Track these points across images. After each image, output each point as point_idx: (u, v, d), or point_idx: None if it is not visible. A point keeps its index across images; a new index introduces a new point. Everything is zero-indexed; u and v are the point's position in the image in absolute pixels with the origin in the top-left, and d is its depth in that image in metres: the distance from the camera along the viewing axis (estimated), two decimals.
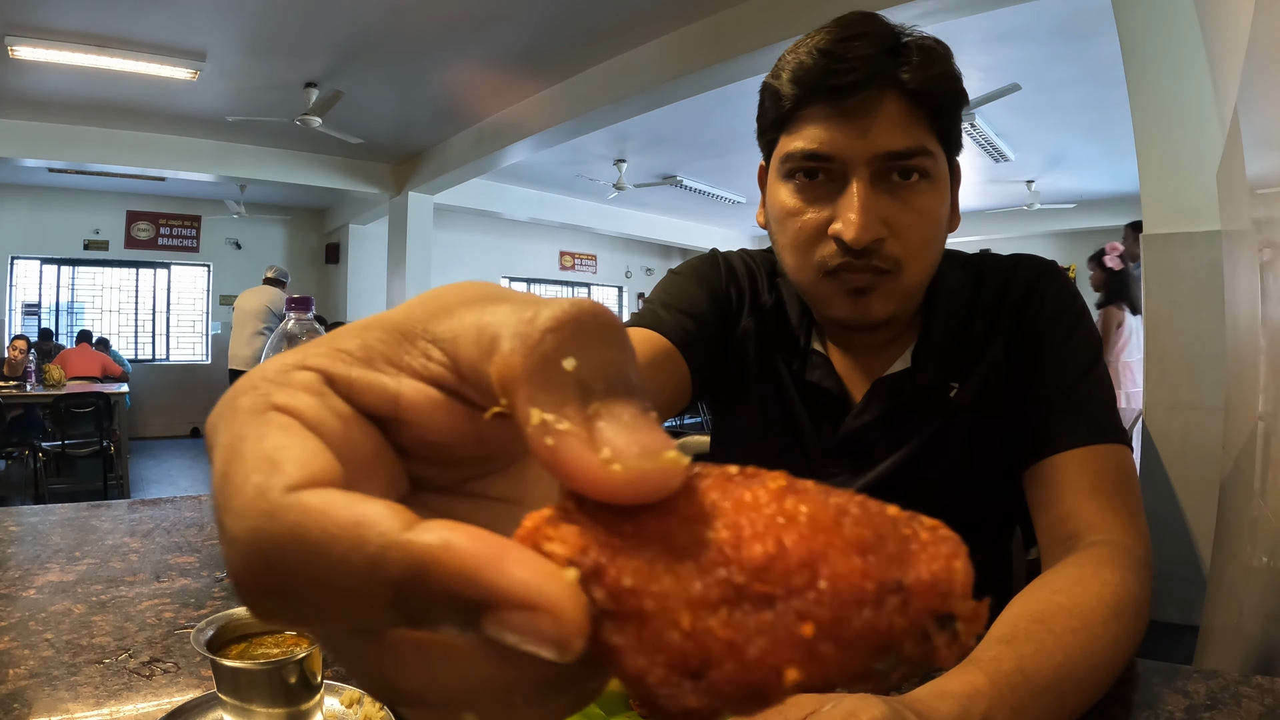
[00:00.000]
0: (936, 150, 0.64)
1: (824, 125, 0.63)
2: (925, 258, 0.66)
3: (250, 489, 0.14)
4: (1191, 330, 2.65)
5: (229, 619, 0.44)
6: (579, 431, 0.14)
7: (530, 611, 0.13)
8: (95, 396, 4.70)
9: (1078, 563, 0.55)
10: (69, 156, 5.79)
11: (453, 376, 0.16)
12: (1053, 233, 9.09)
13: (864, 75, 0.60)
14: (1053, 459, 0.65)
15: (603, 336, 0.16)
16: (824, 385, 0.75)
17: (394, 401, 0.16)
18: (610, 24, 4.17)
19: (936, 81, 0.62)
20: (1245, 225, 1.53)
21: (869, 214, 0.61)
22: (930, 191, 0.64)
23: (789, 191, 0.67)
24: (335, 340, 0.17)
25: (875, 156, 0.62)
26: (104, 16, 3.94)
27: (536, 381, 0.15)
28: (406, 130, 6.23)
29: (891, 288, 0.65)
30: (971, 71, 4.73)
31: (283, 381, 0.16)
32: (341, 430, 0.15)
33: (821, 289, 0.68)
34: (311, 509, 0.13)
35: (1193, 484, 2.63)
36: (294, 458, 0.14)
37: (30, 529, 0.90)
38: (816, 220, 0.65)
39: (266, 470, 0.14)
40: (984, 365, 0.72)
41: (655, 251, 11.61)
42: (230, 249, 8.21)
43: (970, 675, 0.41)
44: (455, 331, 0.16)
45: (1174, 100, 2.66)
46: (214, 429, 0.16)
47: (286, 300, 0.73)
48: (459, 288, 0.17)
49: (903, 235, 0.63)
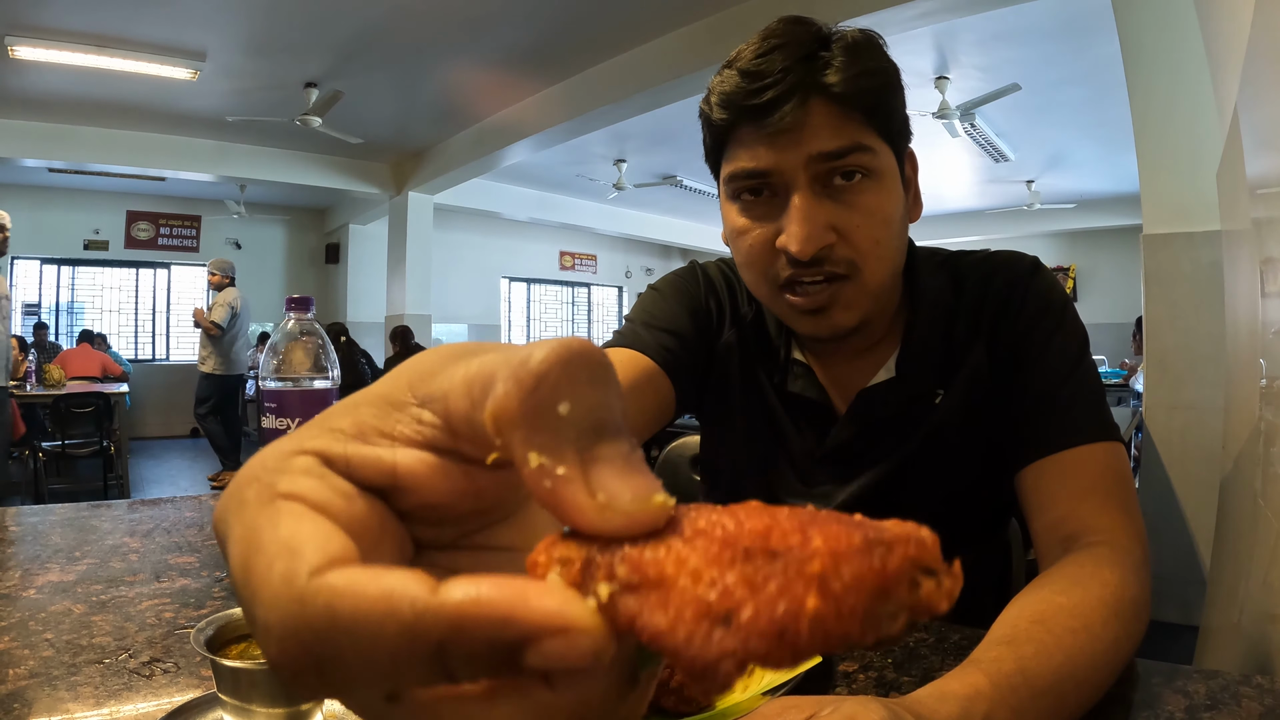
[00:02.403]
0: (876, 145, 0.63)
1: (756, 144, 0.63)
2: (881, 255, 0.64)
3: (276, 579, 0.14)
4: (1191, 330, 2.65)
5: (229, 619, 0.44)
6: (575, 476, 0.16)
7: (565, 634, 0.14)
8: (95, 396, 4.70)
9: (1077, 563, 0.55)
10: (69, 156, 5.79)
11: (446, 437, 0.17)
12: (1053, 233, 9.09)
13: (785, 89, 0.60)
14: (1044, 461, 0.64)
15: (592, 376, 0.16)
16: (806, 395, 0.74)
17: (391, 471, 0.17)
18: (610, 24, 4.17)
19: (861, 79, 0.61)
20: (1245, 225, 1.53)
21: (812, 223, 0.61)
22: (876, 189, 0.63)
23: (736, 211, 0.67)
24: (328, 420, 0.17)
25: (810, 161, 0.61)
26: (104, 16, 3.94)
27: (533, 424, 0.16)
28: (406, 130, 6.23)
29: (851, 294, 0.64)
30: (971, 71, 4.73)
31: (283, 469, 0.16)
32: (347, 508, 0.16)
33: (779, 305, 0.68)
34: (340, 589, 0.14)
35: (1193, 484, 2.63)
36: (310, 541, 0.15)
37: (30, 529, 0.90)
38: (764, 236, 0.65)
39: (288, 558, 0.14)
40: (968, 369, 0.71)
41: (655, 251, 11.62)
42: (230, 249, 8.21)
43: (971, 676, 0.41)
44: (444, 389, 0.17)
45: (1174, 100, 2.66)
46: (224, 522, 0.16)
47: (286, 300, 0.73)
48: (437, 350, 0.18)
49: (852, 237, 0.63)
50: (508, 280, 10.15)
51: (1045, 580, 0.54)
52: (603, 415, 0.16)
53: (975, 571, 0.78)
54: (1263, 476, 1.21)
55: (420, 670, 0.14)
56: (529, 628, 0.14)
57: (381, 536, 0.17)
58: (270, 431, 0.71)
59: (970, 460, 0.72)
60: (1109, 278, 9.00)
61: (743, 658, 0.14)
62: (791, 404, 0.76)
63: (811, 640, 0.14)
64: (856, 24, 0.67)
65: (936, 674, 0.43)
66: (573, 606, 0.14)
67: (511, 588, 0.14)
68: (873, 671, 0.50)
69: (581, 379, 0.16)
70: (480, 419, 0.16)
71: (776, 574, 0.14)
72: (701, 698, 0.38)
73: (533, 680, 0.15)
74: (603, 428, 0.16)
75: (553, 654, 0.14)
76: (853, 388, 0.73)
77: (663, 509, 0.16)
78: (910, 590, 0.14)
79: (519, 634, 0.14)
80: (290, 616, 0.14)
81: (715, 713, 0.43)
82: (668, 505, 0.16)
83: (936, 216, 9.37)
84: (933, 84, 4.83)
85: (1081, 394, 0.66)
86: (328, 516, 0.16)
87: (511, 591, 0.14)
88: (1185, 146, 2.63)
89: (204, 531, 0.89)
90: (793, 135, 0.61)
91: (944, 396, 0.72)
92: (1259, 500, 1.22)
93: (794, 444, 0.76)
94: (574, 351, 0.16)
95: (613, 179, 7.48)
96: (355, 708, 0.15)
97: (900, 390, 0.72)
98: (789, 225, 0.62)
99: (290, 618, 0.14)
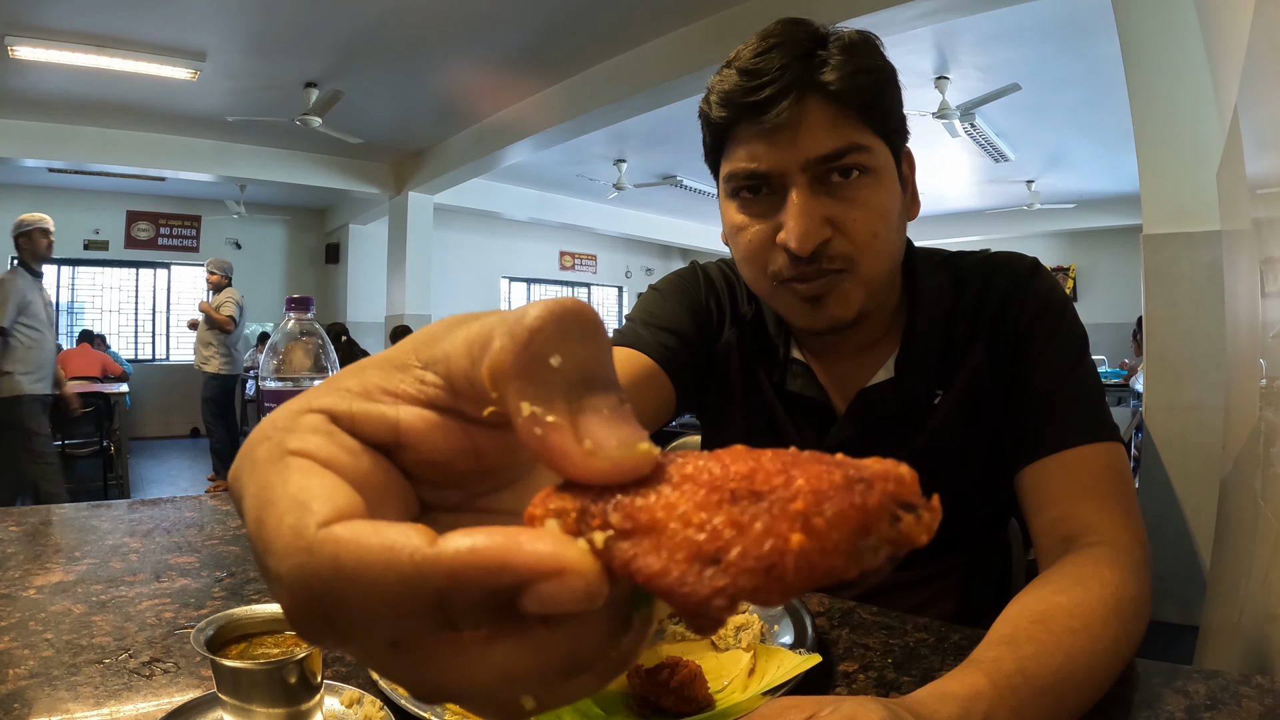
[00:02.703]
0: (873, 143, 0.64)
1: (755, 142, 0.64)
2: (878, 249, 0.65)
3: (287, 531, 0.15)
4: (1191, 330, 2.65)
5: (229, 619, 0.44)
6: (564, 424, 0.16)
7: (559, 576, 0.14)
8: (95, 396, 4.69)
9: (1077, 563, 0.55)
10: (69, 156, 5.79)
11: (448, 396, 0.18)
12: (1053, 233, 9.09)
13: (781, 87, 0.61)
14: (1043, 461, 0.64)
15: (584, 333, 0.17)
16: (805, 394, 0.75)
17: (395, 428, 0.18)
18: (610, 24, 4.18)
19: (857, 77, 0.62)
20: (1245, 225, 1.53)
21: (810, 219, 0.62)
22: (873, 185, 0.64)
23: (735, 209, 0.69)
24: (335, 381, 0.18)
25: (808, 163, 0.63)
26: (104, 16, 3.94)
27: (526, 376, 0.16)
28: (406, 130, 6.23)
29: (847, 287, 0.65)
30: (971, 71, 4.73)
31: (292, 427, 0.17)
32: (353, 463, 0.17)
33: (779, 300, 0.69)
34: (344, 540, 0.15)
35: (1193, 484, 2.63)
36: (318, 496, 0.16)
37: (30, 529, 0.90)
38: (764, 232, 0.66)
39: (297, 511, 0.15)
40: (967, 370, 0.72)
41: (655, 251, 11.62)
42: (230, 249, 8.21)
43: (971, 676, 0.41)
44: (446, 351, 0.18)
45: (1174, 100, 2.66)
46: (238, 480, 0.17)
47: (286, 300, 0.73)
48: (443, 320, 0.19)
49: (849, 231, 0.64)
50: (508, 280, 10.15)
51: (1045, 580, 0.54)
52: (592, 369, 0.17)
53: (975, 571, 0.79)
54: (1263, 476, 1.21)
55: (422, 619, 0.15)
56: (524, 572, 0.14)
57: (386, 492, 0.18)
58: None
59: (970, 461, 0.73)
60: (1109, 278, 9.00)
61: (733, 594, 0.15)
62: (791, 403, 0.76)
63: (797, 575, 0.15)
64: (857, 24, 0.68)
65: (936, 674, 0.43)
66: (566, 549, 0.15)
67: (506, 535, 0.15)
68: (873, 671, 0.50)
69: (573, 334, 0.17)
70: (479, 375, 0.17)
71: (762, 514, 0.15)
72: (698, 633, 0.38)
73: (531, 624, 0.15)
74: (592, 380, 0.17)
75: (548, 597, 0.14)
76: (852, 387, 0.74)
77: (647, 456, 0.17)
78: (891, 525, 0.15)
79: (515, 579, 0.14)
80: (299, 567, 0.15)
81: (715, 713, 0.43)
82: (652, 452, 0.17)
83: (936, 216, 9.37)
84: (933, 84, 4.83)
85: (1081, 394, 0.67)
86: (334, 471, 0.16)
87: (506, 538, 0.15)
88: (1185, 146, 2.63)
89: (204, 531, 0.89)
90: (790, 133, 0.62)
91: (942, 397, 0.72)
92: (1259, 500, 1.22)
93: (793, 443, 0.75)
94: (566, 309, 0.17)
95: (613, 179, 7.48)
96: (362, 655, 0.16)
97: (899, 390, 0.72)
98: (788, 221, 0.63)
99: (299, 568, 0.15)
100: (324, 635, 0.16)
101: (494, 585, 0.14)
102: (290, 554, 0.15)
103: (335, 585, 0.15)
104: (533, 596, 0.14)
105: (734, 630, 0.55)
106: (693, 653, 0.51)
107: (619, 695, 0.45)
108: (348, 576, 0.15)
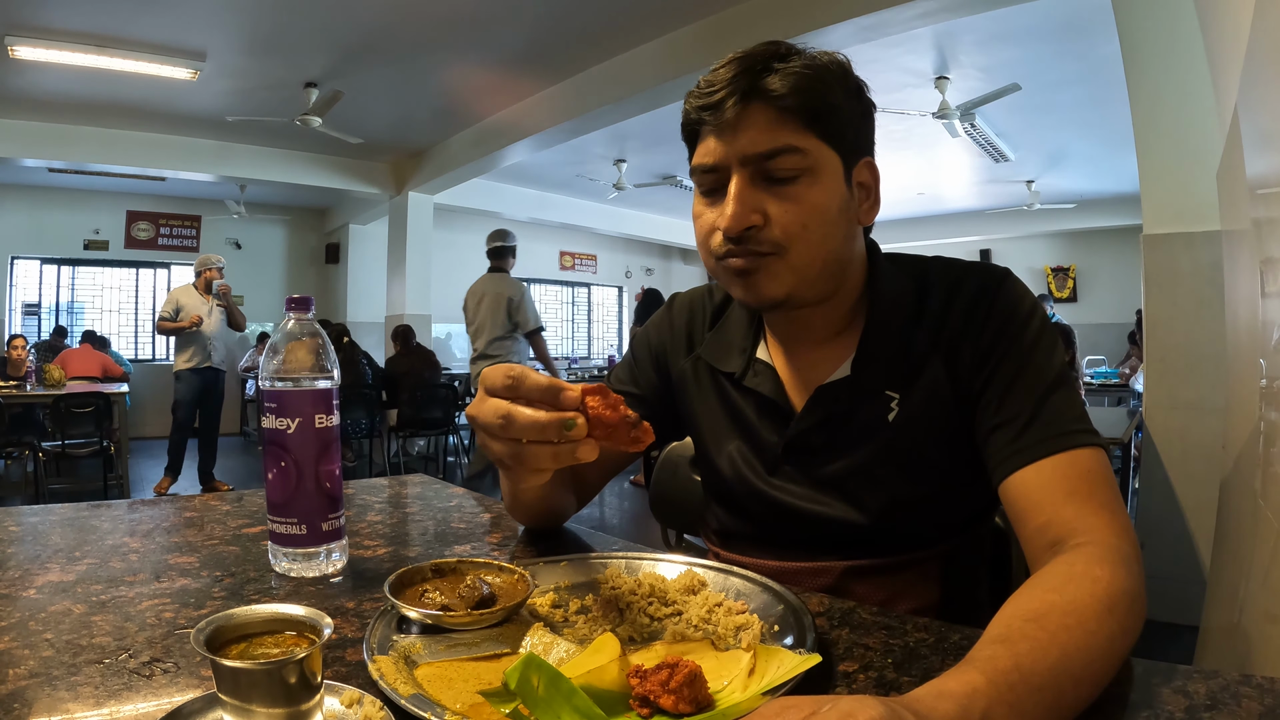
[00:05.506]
0: (812, 146, 0.70)
1: (710, 140, 0.73)
2: (809, 240, 0.71)
3: (499, 371, 0.57)
4: (1191, 330, 2.65)
5: (229, 619, 0.44)
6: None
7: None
8: (95, 396, 4.69)
9: (1068, 562, 0.56)
10: (69, 156, 5.80)
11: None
12: (1053, 233, 9.10)
13: (730, 91, 0.70)
14: (1023, 472, 0.65)
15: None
16: (761, 391, 0.80)
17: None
18: (610, 24, 4.18)
19: (801, 87, 0.69)
20: (1245, 225, 1.53)
21: (741, 205, 0.70)
22: (811, 185, 0.70)
23: (696, 198, 0.77)
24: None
25: (745, 158, 0.70)
26: (104, 16, 3.94)
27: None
28: (406, 130, 6.23)
29: (776, 268, 0.72)
30: (971, 71, 4.73)
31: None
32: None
33: (719, 275, 0.76)
34: (529, 372, 0.57)
35: (1193, 484, 2.63)
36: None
37: (30, 529, 0.90)
38: (711, 218, 0.74)
39: (503, 369, 0.58)
40: (925, 380, 0.74)
41: (655, 251, 11.62)
42: (230, 249, 8.22)
43: (967, 675, 0.41)
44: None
45: (1174, 100, 2.66)
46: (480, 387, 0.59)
47: (286, 300, 0.73)
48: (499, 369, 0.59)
49: (779, 221, 0.70)
50: None
51: (1037, 580, 0.55)
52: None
53: (957, 560, 0.79)
54: (1263, 476, 1.21)
55: (545, 425, 0.55)
56: (567, 401, 0.56)
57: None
58: (270, 431, 0.70)
59: (932, 465, 0.74)
60: (1109, 278, 9.01)
61: (629, 424, 0.57)
62: (752, 400, 0.81)
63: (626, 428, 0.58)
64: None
65: (936, 674, 0.43)
66: (573, 398, 0.56)
67: (571, 390, 0.57)
68: (873, 671, 0.50)
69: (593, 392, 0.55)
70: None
71: (607, 407, 0.57)
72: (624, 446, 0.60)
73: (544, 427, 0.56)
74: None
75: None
76: (812, 384, 0.78)
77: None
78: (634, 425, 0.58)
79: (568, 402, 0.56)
80: (505, 373, 0.57)
81: (715, 713, 0.43)
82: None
83: (936, 216, 9.38)
84: (933, 84, 4.83)
85: (1056, 401, 0.67)
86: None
87: (573, 391, 0.57)
88: (1185, 146, 2.63)
89: (204, 531, 0.89)
90: (732, 132, 0.70)
91: (899, 400, 0.74)
92: (1259, 500, 1.22)
93: (760, 437, 0.81)
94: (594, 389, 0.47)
95: (613, 179, 7.49)
96: (499, 451, 0.58)
97: (854, 388, 0.76)
98: (724, 207, 0.71)
99: (505, 377, 0.57)
100: (498, 431, 0.57)
101: (567, 403, 0.56)
102: (498, 372, 0.57)
103: (519, 388, 0.56)
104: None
105: (734, 630, 0.55)
106: (693, 653, 0.51)
107: (619, 695, 0.45)
108: (529, 385, 0.56)
